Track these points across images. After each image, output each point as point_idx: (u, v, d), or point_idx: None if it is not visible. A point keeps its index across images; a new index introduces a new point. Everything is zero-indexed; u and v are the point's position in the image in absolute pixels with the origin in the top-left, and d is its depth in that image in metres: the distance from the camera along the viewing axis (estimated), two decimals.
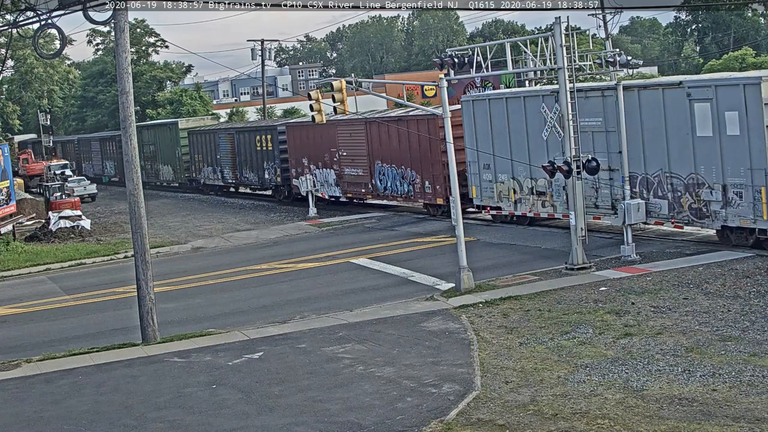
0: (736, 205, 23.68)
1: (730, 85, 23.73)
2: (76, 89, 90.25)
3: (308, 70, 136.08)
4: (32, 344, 21.23)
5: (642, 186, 25.98)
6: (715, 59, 72.17)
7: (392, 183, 36.63)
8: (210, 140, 51.78)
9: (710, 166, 24.18)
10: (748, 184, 23.20)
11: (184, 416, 15.02)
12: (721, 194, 23.89)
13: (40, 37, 25.59)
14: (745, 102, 22.94)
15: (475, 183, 31.89)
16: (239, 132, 48.58)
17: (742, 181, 23.40)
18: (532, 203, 29.65)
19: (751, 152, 22.94)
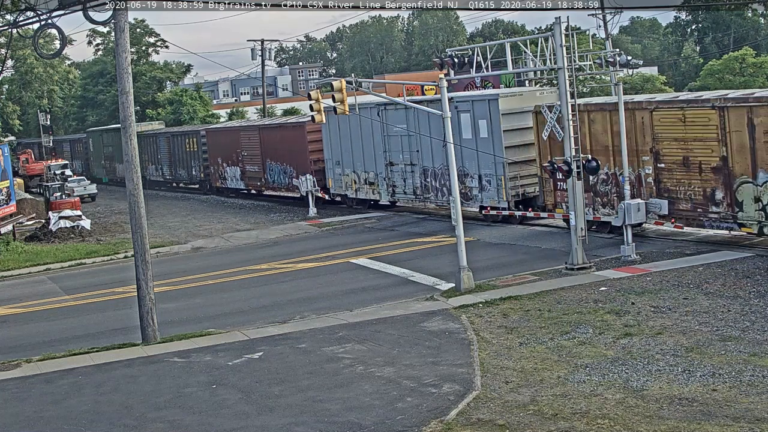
0: (488, 190, 31.56)
1: (481, 100, 31.10)
2: (76, 89, 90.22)
3: (308, 70, 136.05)
4: (32, 344, 21.23)
5: (431, 176, 34.12)
6: (715, 59, 72.17)
7: (278, 177, 44.83)
8: (153, 142, 59.60)
9: (471, 161, 31.72)
10: (494, 174, 31.00)
11: (184, 416, 15.02)
12: (478, 182, 31.78)
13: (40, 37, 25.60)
14: (489, 112, 30.46)
15: (331, 176, 40.37)
16: (173, 135, 56.30)
17: (491, 172, 31.16)
18: (366, 191, 38.27)
19: (495, 150, 30.36)
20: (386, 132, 36.22)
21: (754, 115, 23.22)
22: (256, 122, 51.31)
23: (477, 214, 32.68)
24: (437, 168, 33.55)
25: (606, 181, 27.55)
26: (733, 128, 23.63)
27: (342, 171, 39.48)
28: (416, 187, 34.77)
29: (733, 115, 23.68)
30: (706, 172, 24.53)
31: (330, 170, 40.37)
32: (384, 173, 36.62)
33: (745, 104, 23.51)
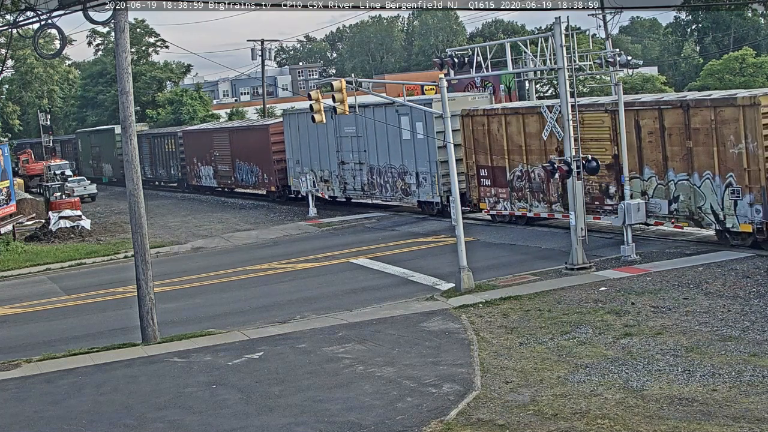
0: (424, 186, 34.50)
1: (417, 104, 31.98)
2: (76, 89, 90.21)
3: (308, 70, 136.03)
4: (32, 344, 21.22)
5: (377, 174, 37.25)
6: (715, 59, 72.16)
7: (246, 175, 48.15)
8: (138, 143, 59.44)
9: (410, 160, 34.98)
10: (429, 172, 34.05)
11: (184, 416, 15.02)
12: (416, 179, 34.83)
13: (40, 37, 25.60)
14: (425, 116, 32.65)
15: (292, 174, 43.58)
16: (154, 137, 59.36)
17: (426, 170, 34.25)
18: (322, 188, 41.20)
19: (429, 150, 33.61)
20: (339, 133, 39.36)
21: (639, 117, 25.90)
22: (227, 124, 54.75)
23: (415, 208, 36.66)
24: (381, 166, 36.92)
25: (520, 177, 30.26)
26: (625, 129, 25.50)
27: (301, 170, 42.53)
28: (364, 184, 38.21)
29: (627, 117, 25.77)
30: (601, 168, 25.91)
31: (291, 169, 43.71)
32: (337, 171, 39.89)
33: (632, 108, 26.04)
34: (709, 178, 24.35)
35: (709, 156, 24.16)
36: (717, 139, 24.05)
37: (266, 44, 66.51)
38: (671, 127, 25.26)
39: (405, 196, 35.66)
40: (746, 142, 23.21)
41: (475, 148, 32.04)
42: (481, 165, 32.01)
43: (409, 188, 35.34)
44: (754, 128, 22.98)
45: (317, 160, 41.24)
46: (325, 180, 40.88)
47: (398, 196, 36.36)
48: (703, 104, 24.44)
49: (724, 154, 23.97)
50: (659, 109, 25.55)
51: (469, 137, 32.37)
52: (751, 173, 23.23)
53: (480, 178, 32.05)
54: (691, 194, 24.85)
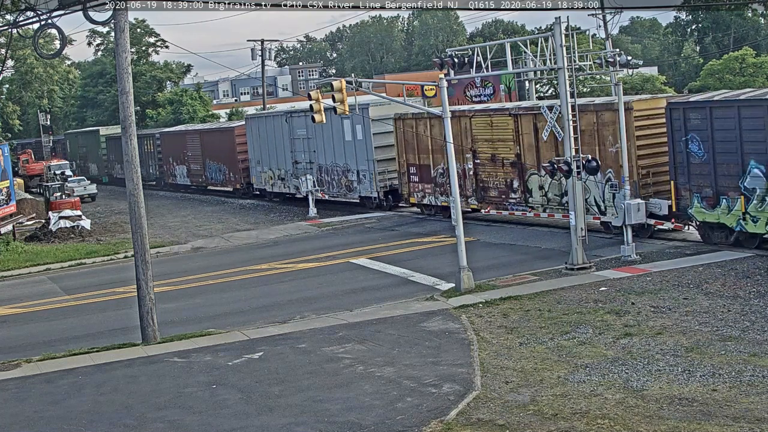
0: (364, 183, 38.13)
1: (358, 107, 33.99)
2: (76, 89, 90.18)
3: (308, 70, 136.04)
4: (32, 344, 21.23)
5: (325, 172, 40.81)
6: (715, 59, 72.15)
7: (215, 174, 52.29)
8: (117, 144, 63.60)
9: (351, 159, 38.50)
10: (368, 170, 37.61)
11: (184, 416, 15.02)
12: (357, 176, 38.39)
13: (40, 37, 25.59)
14: (363, 119, 36.17)
15: (254, 174, 47.34)
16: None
17: (365, 168, 37.78)
18: (279, 185, 44.97)
19: (368, 150, 37.22)
20: (292, 135, 43.10)
21: (537, 120, 28.81)
22: (198, 126, 58.50)
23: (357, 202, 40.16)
24: (329, 165, 40.62)
25: (442, 174, 33.69)
26: (524, 131, 29.54)
27: (262, 169, 46.40)
28: (314, 182, 41.20)
29: (524, 120, 29.58)
30: (506, 166, 30.63)
31: (253, 168, 47.47)
32: (291, 170, 43.48)
33: (531, 112, 29.25)
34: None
35: (593, 154, 26.27)
36: (599, 139, 27.13)
37: (266, 44, 66.56)
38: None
39: (348, 192, 39.68)
40: (621, 142, 25.54)
41: (406, 148, 35.72)
42: (410, 163, 35.59)
43: (351, 185, 39.22)
44: (628, 130, 25.60)
45: (275, 160, 44.91)
46: (281, 178, 44.67)
47: (343, 192, 40.25)
48: (587, 108, 27.21)
49: (604, 152, 26.97)
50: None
51: (400, 139, 36.01)
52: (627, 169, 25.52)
53: (410, 175, 35.76)
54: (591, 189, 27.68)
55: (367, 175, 37.91)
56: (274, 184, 45.42)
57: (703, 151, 24.49)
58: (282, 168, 44.31)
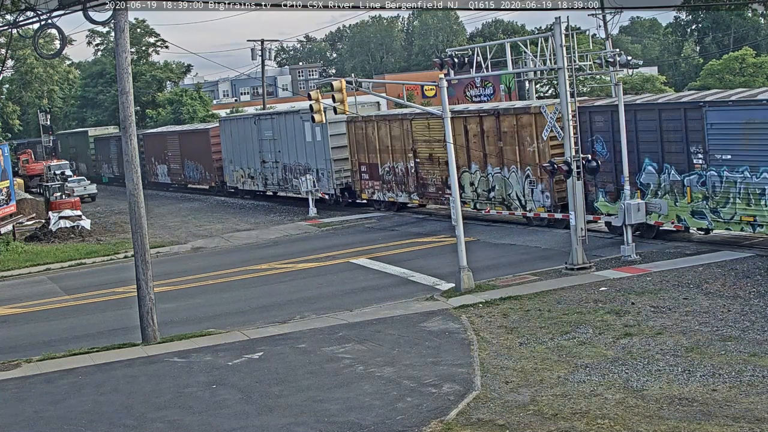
0: (323, 181, 40.73)
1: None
2: (76, 89, 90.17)
3: (308, 70, 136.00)
4: (32, 344, 21.22)
5: (289, 171, 43.53)
6: (715, 59, 72.17)
7: (192, 173, 55.23)
8: (105, 144, 69.81)
9: (312, 159, 41.27)
10: (326, 169, 40.35)
11: (184, 416, 15.02)
12: (317, 175, 40.76)
13: (40, 37, 25.59)
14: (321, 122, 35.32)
15: (227, 172, 50.25)
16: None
17: (324, 167, 40.58)
18: (249, 183, 47.74)
19: (326, 151, 40.05)
20: (260, 137, 45.73)
21: (467, 123, 32.06)
22: (177, 128, 61.13)
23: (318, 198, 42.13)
24: (292, 164, 43.22)
25: (389, 172, 36.99)
26: (456, 132, 30.98)
27: (234, 168, 49.24)
28: (280, 180, 44.50)
29: (455, 123, 31.04)
30: (441, 164, 33.08)
31: (226, 167, 50.27)
32: (260, 169, 46.17)
33: (461, 115, 32.37)
34: (515, 171, 30.31)
35: (514, 153, 29.96)
36: (518, 139, 29.90)
37: (266, 44, 66.57)
38: (488, 130, 31.24)
39: None
40: (537, 142, 28.87)
41: (357, 149, 38.70)
42: (361, 162, 38.59)
43: (313, 183, 41.23)
44: (537, 132, 28.41)
45: (245, 159, 47.73)
46: (251, 176, 47.51)
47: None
48: (508, 112, 30.39)
49: (523, 151, 29.72)
50: (479, 116, 31.67)
51: (353, 140, 38.97)
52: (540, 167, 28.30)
53: (361, 173, 38.87)
54: (503, 184, 30.95)
55: (325, 173, 40.64)
56: (245, 182, 48.28)
57: (607, 150, 26.96)
58: (252, 167, 47.10)
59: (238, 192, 49.85)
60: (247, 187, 48.18)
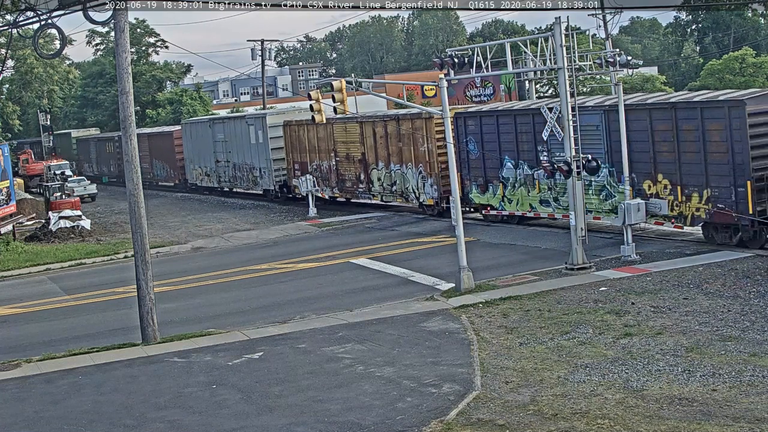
0: (264, 178, 45.62)
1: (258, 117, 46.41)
2: (76, 89, 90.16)
3: (308, 70, 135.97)
4: (32, 344, 21.22)
5: (238, 169, 48.07)
6: (715, 59, 72.14)
7: (160, 171, 60.88)
8: (86, 145, 75.31)
9: (256, 158, 45.92)
10: (267, 167, 45.05)
11: (184, 416, 15.02)
12: (260, 173, 45.92)
13: (40, 37, 25.58)
14: (263, 126, 45.00)
15: (188, 171, 54.88)
16: (99, 140, 71.38)
17: (265, 166, 45.20)
18: (206, 181, 52.67)
19: (266, 151, 44.84)
20: (215, 138, 50.43)
21: (375, 126, 37.07)
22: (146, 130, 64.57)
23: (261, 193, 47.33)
24: (240, 163, 47.89)
25: (316, 169, 41.57)
26: (367, 135, 37.53)
27: (194, 167, 53.98)
28: (231, 177, 49.23)
29: (366, 126, 37.60)
30: (356, 162, 38.66)
31: (188, 166, 55.08)
32: (214, 168, 50.90)
33: (370, 120, 37.64)
34: (411, 168, 35.32)
35: (410, 153, 35.25)
36: (413, 141, 34.99)
37: (266, 44, 66.54)
38: (391, 133, 36.23)
39: (254, 186, 47.18)
40: (427, 143, 34.07)
41: (292, 149, 43.32)
42: (295, 161, 43.23)
43: (256, 180, 46.60)
44: (431, 134, 33.75)
45: (203, 159, 52.49)
46: (207, 174, 52.35)
47: (250, 186, 47.66)
48: (406, 117, 35.09)
49: (417, 151, 34.85)
50: (384, 121, 36.57)
51: (287, 141, 43.57)
52: (431, 164, 34.18)
53: (295, 171, 43.31)
54: (402, 179, 36.03)
55: (266, 171, 45.48)
56: (202, 179, 53.26)
57: (477, 149, 31.86)
58: (208, 166, 52.03)
59: (198, 188, 54.55)
60: (205, 184, 53.11)
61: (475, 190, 32.14)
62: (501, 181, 30.81)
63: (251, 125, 46.15)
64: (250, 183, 47.43)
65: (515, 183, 30.26)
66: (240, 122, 47.90)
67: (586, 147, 25.82)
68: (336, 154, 39.86)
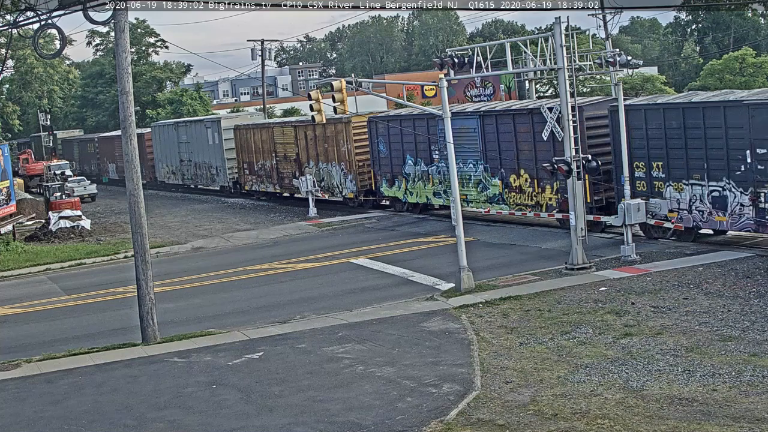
0: (220, 176, 50.56)
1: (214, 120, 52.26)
2: (76, 89, 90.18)
3: (308, 70, 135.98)
4: (32, 344, 21.22)
5: (198, 168, 52.92)
6: (715, 59, 72.15)
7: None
8: (70, 145, 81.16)
9: (213, 158, 51.21)
10: (222, 166, 50.03)
11: (184, 416, 15.02)
12: (216, 171, 50.74)
13: (40, 37, 25.58)
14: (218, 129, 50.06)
15: (158, 169, 59.50)
16: (81, 141, 77.55)
17: (221, 165, 50.20)
18: (173, 178, 57.35)
19: (221, 152, 49.80)
20: (179, 140, 55.16)
21: (306, 130, 42.05)
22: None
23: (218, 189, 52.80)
24: (200, 162, 52.88)
25: (261, 168, 46.46)
26: (300, 138, 42.73)
27: (162, 165, 58.75)
28: (193, 175, 54.03)
29: (299, 130, 42.74)
30: (292, 162, 43.76)
31: (157, 165, 59.76)
32: (179, 166, 55.83)
33: (303, 124, 42.47)
34: (335, 166, 40.31)
35: (334, 153, 40.21)
36: (336, 142, 39.92)
37: (266, 44, 66.43)
38: (319, 135, 41.11)
39: (212, 182, 52.24)
40: (346, 144, 39.14)
41: (242, 150, 48.39)
42: (245, 161, 48.23)
43: (213, 177, 51.63)
44: (349, 136, 38.99)
45: (170, 158, 57.24)
46: (173, 172, 57.08)
47: (209, 182, 52.85)
48: (330, 122, 38.33)
49: (339, 151, 39.86)
50: (313, 126, 40.17)
51: (238, 143, 48.72)
52: (350, 163, 39.21)
53: (244, 170, 48.40)
54: (328, 176, 40.89)
55: (222, 170, 50.44)
56: (169, 177, 58.06)
57: (386, 149, 36.87)
58: (173, 164, 56.92)
59: (165, 185, 59.73)
60: (171, 181, 58.29)
61: (384, 185, 37.39)
62: (404, 176, 36.04)
63: (209, 128, 51.47)
64: (208, 180, 52.66)
65: (415, 178, 35.45)
66: (200, 125, 52.94)
67: (466, 147, 31.60)
68: (276, 155, 44.95)
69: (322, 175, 40.88)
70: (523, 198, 30.21)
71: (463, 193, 31.00)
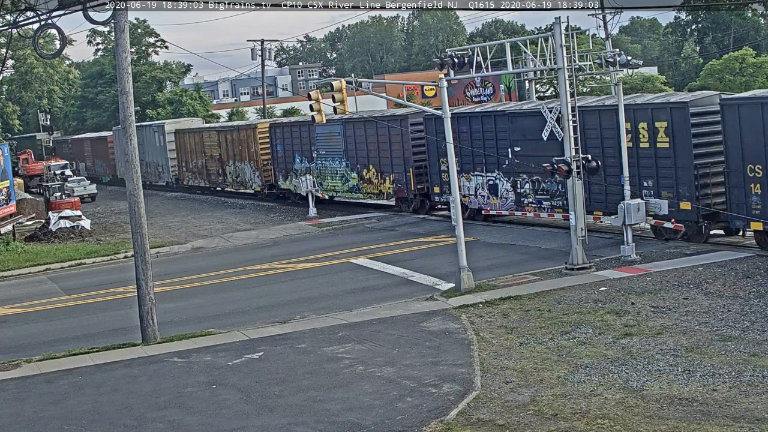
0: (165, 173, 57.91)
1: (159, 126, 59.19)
2: (76, 89, 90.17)
3: (308, 70, 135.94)
4: (32, 344, 21.22)
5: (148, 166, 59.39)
6: (715, 59, 72.13)
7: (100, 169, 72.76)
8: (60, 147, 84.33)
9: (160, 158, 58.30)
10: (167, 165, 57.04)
11: (184, 416, 15.02)
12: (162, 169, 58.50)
13: (40, 37, 25.57)
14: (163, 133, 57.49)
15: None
16: (73, 141, 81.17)
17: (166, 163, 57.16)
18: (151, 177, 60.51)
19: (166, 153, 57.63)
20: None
21: (227, 134, 49.31)
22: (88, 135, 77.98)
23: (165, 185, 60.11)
24: (150, 161, 59.76)
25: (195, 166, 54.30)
26: (221, 141, 49.99)
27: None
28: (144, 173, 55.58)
29: (221, 134, 50.20)
30: (216, 161, 50.87)
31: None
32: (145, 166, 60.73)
33: (224, 129, 50.16)
34: (246, 164, 47.51)
35: (246, 153, 47.44)
36: (247, 144, 47.23)
37: (266, 44, 66.50)
38: (234, 139, 48.62)
39: (159, 179, 59.35)
40: (255, 146, 46.36)
41: (182, 151, 55.89)
42: (182, 160, 55.86)
43: (160, 174, 59.09)
44: (256, 140, 46.22)
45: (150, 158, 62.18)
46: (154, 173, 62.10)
47: (157, 179, 59.48)
48: (242, 127, 48.45)
49: (249, 152, 47.09)
50: (232, 131, 49.20)
51: (178, 145, 56.17)
52: (257, 162, 46.42)
53: (182, 168, 55.78)
54: (242, 173, 48.05)
55: (166, 168, 57.86)
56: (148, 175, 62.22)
57: (283, 150, 43.93)
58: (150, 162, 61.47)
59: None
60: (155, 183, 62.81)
61: (281, 179, 44.57)
62: (293, 172, 42.95)
63: (156, 132, 58.80)
64: (156, 177, 59.79)
65: (299, 173, 42.27)
66: (150, 129, 60.09)
67: (333, 147, 39.89)
68: (205, 155, 52.64)
69: (238, 172, 48.75)
70: (371, 188, 38.12)
71: (331, 185, 40.42)
